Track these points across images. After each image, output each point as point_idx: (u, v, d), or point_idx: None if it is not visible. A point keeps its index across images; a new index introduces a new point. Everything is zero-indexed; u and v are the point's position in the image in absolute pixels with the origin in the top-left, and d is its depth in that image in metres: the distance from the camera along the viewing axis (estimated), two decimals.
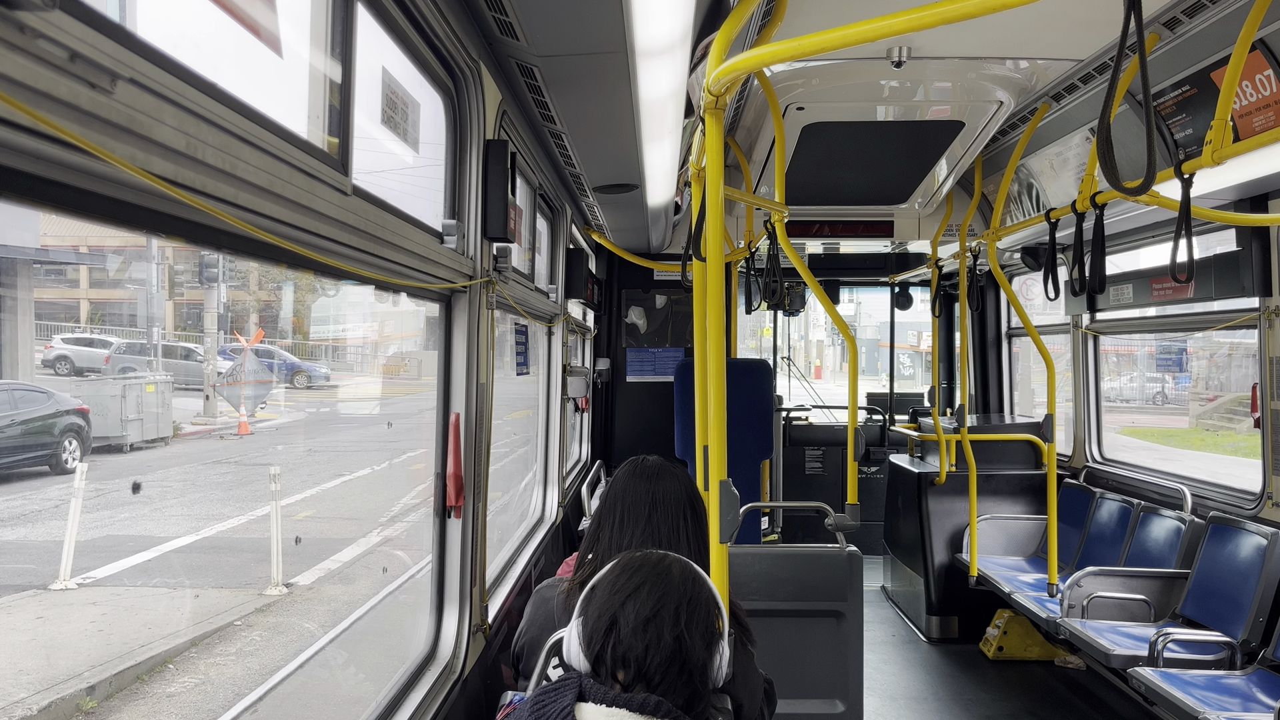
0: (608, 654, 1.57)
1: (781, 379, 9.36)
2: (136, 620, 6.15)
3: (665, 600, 1.59)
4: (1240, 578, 4.53)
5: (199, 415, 11.58)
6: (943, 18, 1.47)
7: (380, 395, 16.28)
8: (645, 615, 1.57)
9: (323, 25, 1.80)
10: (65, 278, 11.37)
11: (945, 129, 4.78)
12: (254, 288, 15.14)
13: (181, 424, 10.72)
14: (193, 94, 1.17)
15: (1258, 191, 4.49)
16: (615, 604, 1.60)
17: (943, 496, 6.77)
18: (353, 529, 9.04)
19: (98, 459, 8.49)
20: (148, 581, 6.71)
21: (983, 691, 5.82)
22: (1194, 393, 18.35)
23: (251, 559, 7.56)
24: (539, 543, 4.40)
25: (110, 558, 6.99)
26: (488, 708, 2.82)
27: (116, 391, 8.86)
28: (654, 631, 1.56)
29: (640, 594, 1.60)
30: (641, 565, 1.67)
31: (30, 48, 0.86)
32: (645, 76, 2.70)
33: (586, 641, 1.59)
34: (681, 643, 1.56)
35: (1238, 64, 3.01)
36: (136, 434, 8.95)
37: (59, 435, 7.48)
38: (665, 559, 1.70)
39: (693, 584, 1.65)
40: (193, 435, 11.10)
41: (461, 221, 2.74)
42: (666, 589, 1.61)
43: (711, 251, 2.24)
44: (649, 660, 1.54)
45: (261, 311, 15.63)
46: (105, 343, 12.03)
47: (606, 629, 1.58)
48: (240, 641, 6.10)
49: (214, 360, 12.03)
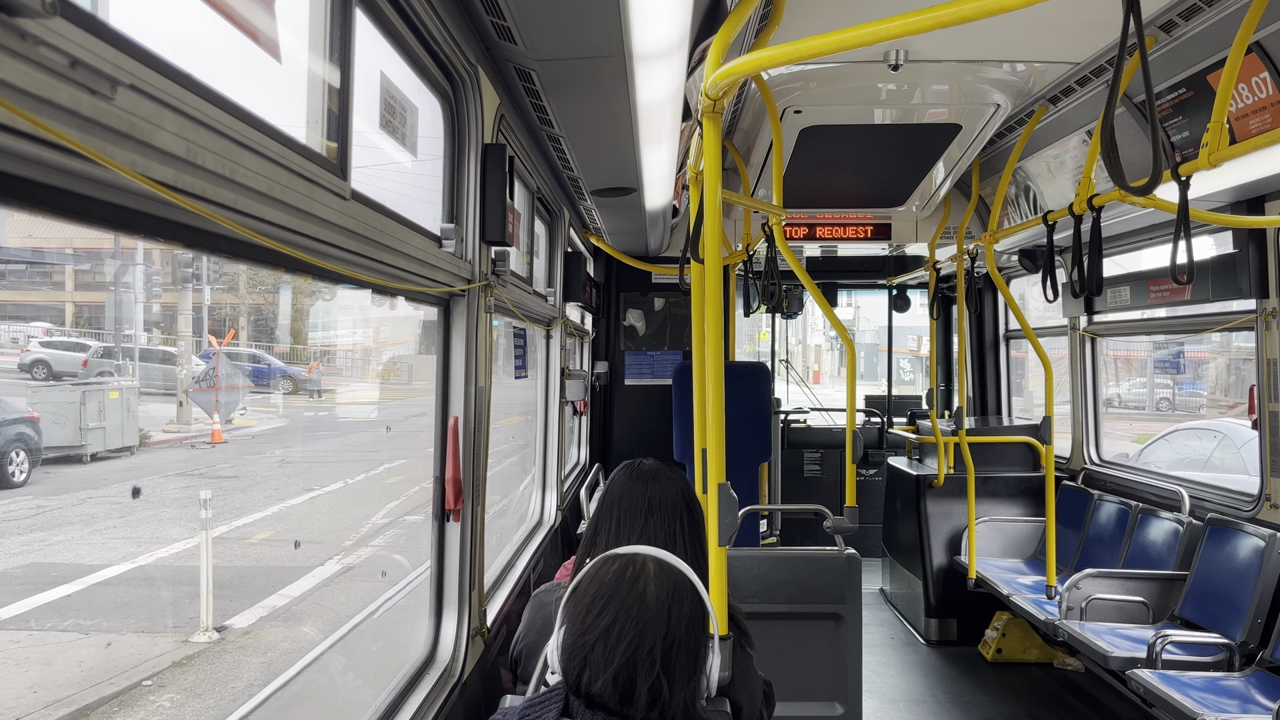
0: (583, 690, 1.50)
1: (780, 382, 9.36)
2: (20, 681, 5.08)
3: (641, 640, 1.48)
4: (1238, 579, 4.54)
5: (171, 422, 10.74)
6: (939, 21, 1.48)
7: (370, 400, 15.56)
8: (616, 665, 1.47)
9: (321, 30, 1.80)
10: (49, 279, 11.01)
11: (942, 132, 4.79)
12: (243, 290, 14.68)
13: (150, 432, 9.97)
14: (192, 100, 1.17)
15: (1255, 194, 4.50)
16: (586, 645, 1.50)
17: (941, 499, 6.77)
18: (310, 555, 8.05)
19: (52, 470, 7.84)
20: (58, 624, 5.66)
21: (981, 694, 5.82)
22: (1211, 399, 17.54)
23: (188, 593, 6.36)
24: (537, 546, 4.40)
25: (28, 591, 5.97)
26: (487, 711, 2.82)
27: (75, 398, 8.18)
28: (625, 681, 1.47)
29: (611, 636, 1.48)
30: (614, 594, 1.52)
31: (31, 54, 0.87)
32: (643, 80, 2.70)
33: (564, 669, 1.52)
34: (658, 695, 1.47)
35: (1234, 67, 3.02)
36: (98, 443, 8.30)
37: (3, 446, 7.01)
38: (640, 576, 1.55)
39: (671, 604, 1.53)
40: (162, 444, 10.30)
41: (460, 225, 2.75)
42: (642, 624, 1.49)
43: (709, 254, 2.25)
44: (626, 712, 1.47)
45: (251, 315, 15.19)
46: (84, 346, 11.48)
47: (579, 670, 1.50)
48: (144, 710, 4.97)
49: (189, 364, 11.40)
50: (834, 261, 8.47)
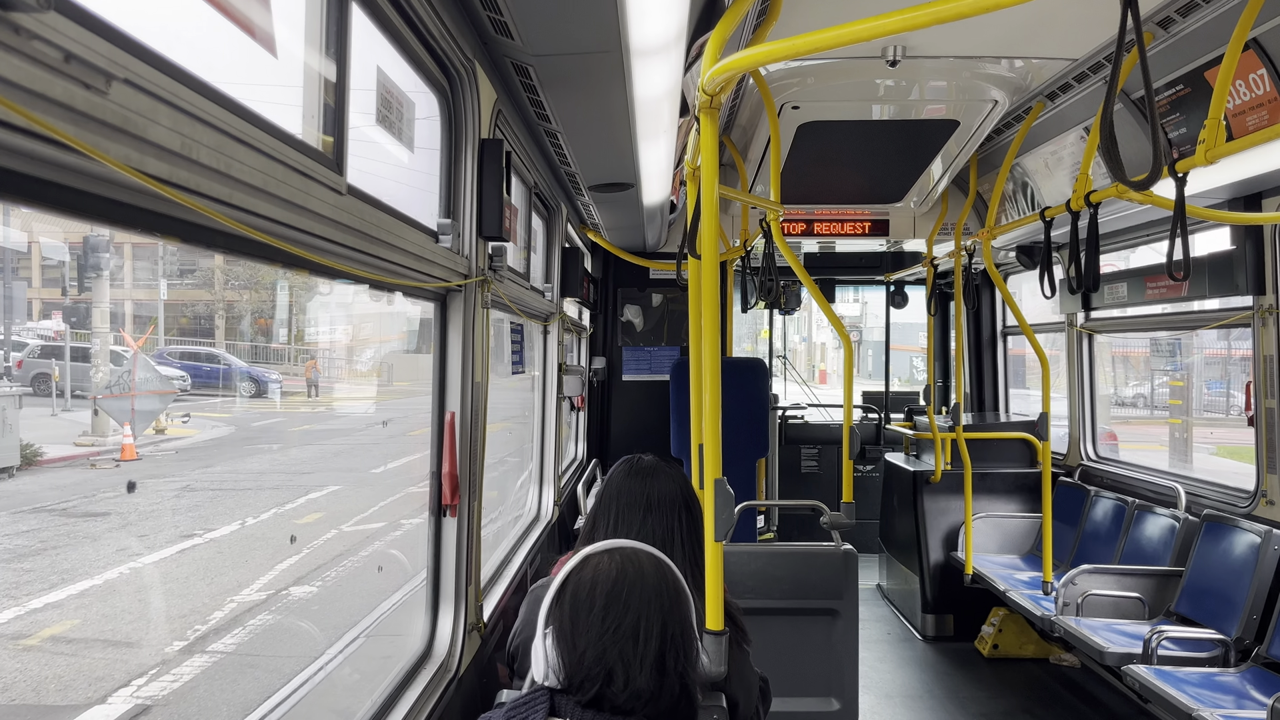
0: (602, 694, 1.51)
1: (778, 379, 9.37)
2: None
3: (665, 628, 1.53)
4: (1234, 575, 4.55)
5: (85, 434, 8.84)
6: (937, 17, 1.47)
7: (343, 402, 13.48)
8: (653, 658, 1.50)
9: (317, 25, 1.80)
10: None
11: (940, 128, 4.79)
12: (218, 287, 13.12)
13: (45, 449, 8.01)
14: (187, 94, 1.17)
15: (1251, 190, 4.50)
16: (610, 650, 1.51)
17: (938, 495, 6.78)
18: (122, 661, 5.26)
19: None
20: None
21: (978, 689, 5.83)
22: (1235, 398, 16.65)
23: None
24: (534, 541, 4.41)
25: None
26: (483, 705, 2.82)
27: None
28: (659, 672, 1.51)
29: (640, 633, 1.51)
30: (628, 591, 1.54)
31: (25, 49, 0.86)
32: (640, 76, 2.70)
33: (581, 678, 1.52)
34: (684, 674, 1.53)
35: (1231, 63, 3.02)
36: None
37: None
38: (639, 566, 1.58)
39: (662, 583, 1.57)
40: (57, 463, 8.23)
41: (457, 220, 2.75)
42: (663, 612, 1.54)
43: (707, 250, 2.24)
44: (657, 702, 1.51)
45: (224, 311, 13.45)
46: (22, 344, 10.07)
47: (604, 676, 1.50)
48: None
49: (103, 366, 9.06)
50: (832, 257, 8.47)
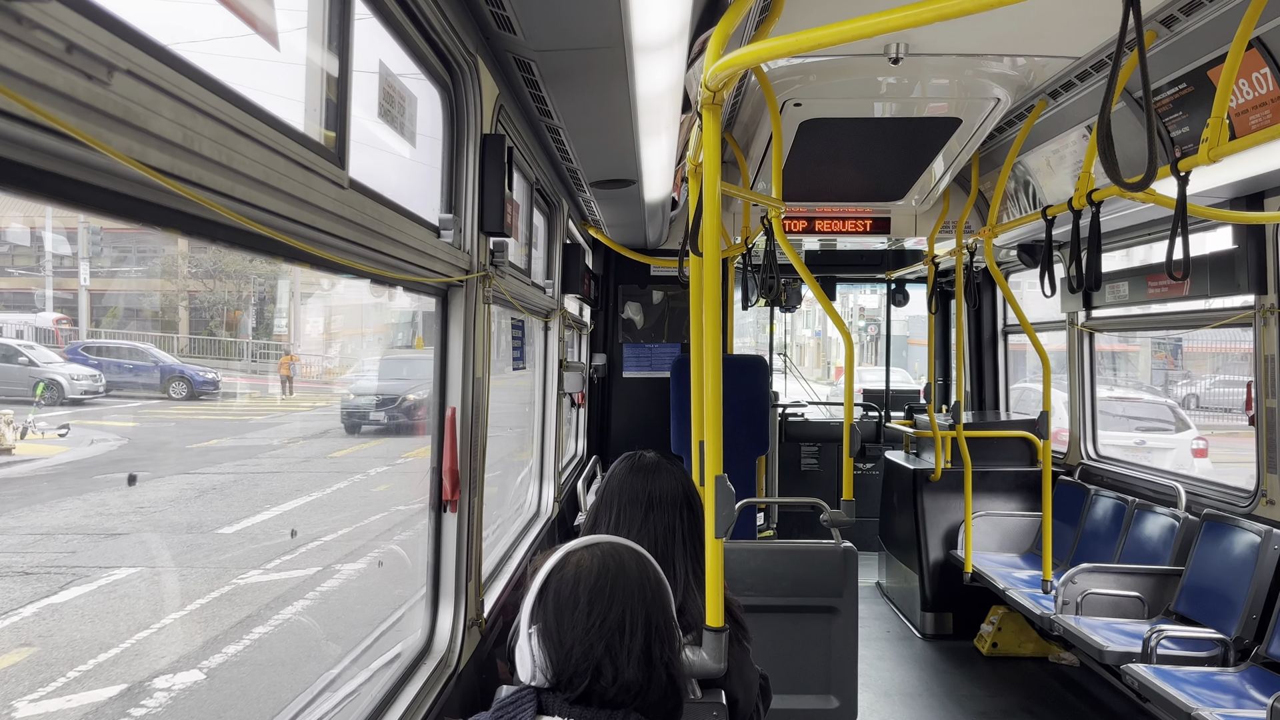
0: (589, 689, 1.51)
1: (779, 376, 9.36)
2: None
3: (649, 619, 1.53)
4: (1234, 575, 4.55)
5: None
6: (940, 14, 1.47)
7: (277, 409, 11.86)
8: (639, 650, 1.50)
9: (320, 19, 1.80)
10: None
11: (942, 126, 4.79)
12: (181, 277, 11.40)
13: None
14: (189, 86, 1.17)
15: (1254, 190, 4.49)
16: (598, 645, 1.51)
17: (938, 493, 6.78)
18: None
19: None
20: None
21: (977, 687, 5.84)
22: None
23: None
24: (534, 537, 4.41)
25: None
26: (483, 701, 2.83)
27: None
28: (647, 664, 1.51)
29: (626, 626, 1.51)
30: (611, 586, 1.54)
31: (27, 39, 0.86)
32: (643, 71, 2.69)
33: (569, 675, 1.53)
34: (669, 664, 1.52)
35: (1234, 62, 3.01)
36: None
37: None
38: (620, 560, 1.58)
39: (643, 575, 1.57)
40: None
41: (458, 216, 2.74)
42: (645, 603, 1.54)
43: (708, 247, 2.24)
44: (645, 694, 1.51)
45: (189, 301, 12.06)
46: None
47: (592, 671, 1.50)
48: None
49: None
50: (833, 255, 8.47)
